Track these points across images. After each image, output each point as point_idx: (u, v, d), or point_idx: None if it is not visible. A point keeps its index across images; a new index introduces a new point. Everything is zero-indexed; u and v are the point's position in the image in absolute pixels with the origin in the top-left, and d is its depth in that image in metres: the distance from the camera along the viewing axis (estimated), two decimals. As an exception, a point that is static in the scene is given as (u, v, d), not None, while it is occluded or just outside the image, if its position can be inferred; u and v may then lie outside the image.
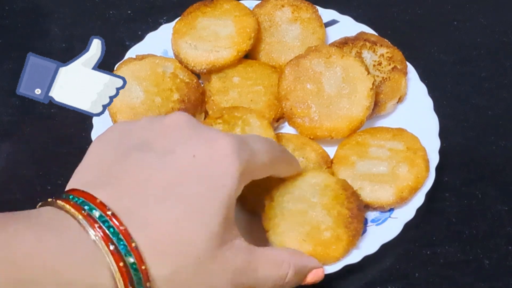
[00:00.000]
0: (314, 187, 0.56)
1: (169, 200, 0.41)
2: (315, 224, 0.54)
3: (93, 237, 0.39)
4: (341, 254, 0.54)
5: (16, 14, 0.81)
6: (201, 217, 0.41)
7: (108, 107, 0.62)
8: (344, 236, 0.53)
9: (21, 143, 0.67)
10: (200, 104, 0.65)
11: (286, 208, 0.54)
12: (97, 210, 0.40)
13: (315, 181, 0.56)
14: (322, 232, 0.53)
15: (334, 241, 0.53)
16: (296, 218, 0.54)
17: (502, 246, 0.60)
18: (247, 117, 0.61)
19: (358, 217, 0.55)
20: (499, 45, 0.76)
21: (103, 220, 0.39)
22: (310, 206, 0.55)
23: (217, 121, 0.61)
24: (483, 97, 0.71)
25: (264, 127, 0.61)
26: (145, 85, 0.63)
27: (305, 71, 0.64)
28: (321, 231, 0.53)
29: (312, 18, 0.71)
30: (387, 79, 0.66)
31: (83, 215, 0.39)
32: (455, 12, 0.80)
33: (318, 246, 0.53)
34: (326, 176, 0.57)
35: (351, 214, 0.54)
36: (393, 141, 0.62)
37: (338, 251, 0.53)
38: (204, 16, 0.69)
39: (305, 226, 0.53)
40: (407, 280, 0.58)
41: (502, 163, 0.66)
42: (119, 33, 0.78)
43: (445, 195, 0.63)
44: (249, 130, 0.60)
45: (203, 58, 0.66)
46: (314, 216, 0.54)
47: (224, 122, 0.61)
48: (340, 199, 0.55)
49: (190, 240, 0.41)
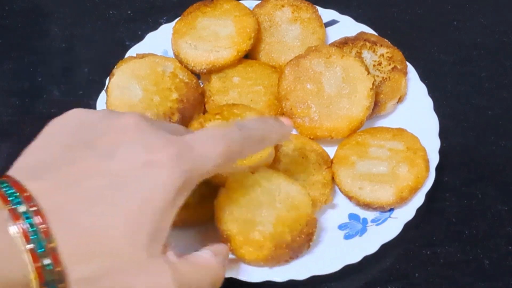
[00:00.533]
0: (288, 198, 0.56)
1: (100, 205, 0.40)
2: (256, 220, 0.54)
3: (12, 233, 0.38)
4: (251, 260, 0.54)
5: (16, 14, 0.81)
6: (129, 227, 0.40)
7: (107, 104, 0.63)
8: (267, 252, 0.53)
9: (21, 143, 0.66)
10: (199, 104, 0.65)
11: (248, 197, 0.55)
12: (23, 204, 0.39)
13: (294, 195, 0.56)
14: (254, 230, 0.54)
15: (256, 246, 0.53)
16: (249, 208, 0.54)
17: (502, 246, 0.60)
18: (245, 114, 0.61)
19: (293, 250, 0.54)
20: (499, 45, 0.76)
21: (27, 216, 0.38)
22: (269, 204, 0.55)
23: (215, 116, 0.62)
24: (483, 97, 0.71)
25: (264, 127, 0.61)
26: (144, 83, 0.63)
27: (305, 71, 0.64)
28: (255, 230, 0.54)
29: (312, 18, 0.71)
30: (387, 79, 0.66)
31: (8, 209, 0.38)
32: (455, 12, 0.80)
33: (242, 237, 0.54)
34: (308, 203, 0.56)
35: (289, 244, 0.54)
36: (393, 141, 0.62)
37: (251, 256, 0.54)
38: (204, 16, 0.69)
39: (248, 212, 0.54)
40: (407, 280, 0.58)
41: (502, 163, 0.66)
42: (119, 33, 0.78)
43: (445, 195, 0.63)
44: (247, 129, 0.60)
45: (203, 58, 0.66)
46: (262, 214, 0.54)
47: (222, 118, 0.61)
48: (295, 225, 0.54)
49: (114, 249, 0.40)
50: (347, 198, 0.60)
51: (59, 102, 0.71)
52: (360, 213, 0.60)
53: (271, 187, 0.56)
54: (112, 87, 0.63)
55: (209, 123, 0.61)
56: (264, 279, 0.54)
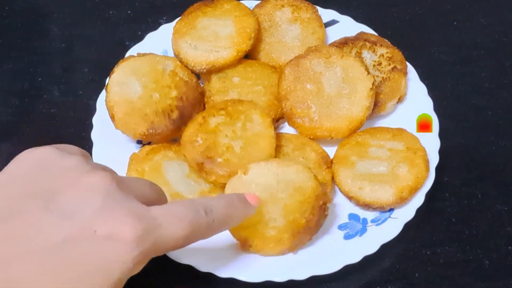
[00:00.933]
0: (288, 183, 0.56)
1: (51, 267, 0.38)
2: (266, 219, 0.54)
3: None
4: (276, 253, 0.55)
5: (16, 14, 0.81)
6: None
7: (106, 100, 0.63)
8: (287, 242, 0.54)
9: (21, 143, 0.66)
10: (198, 104, 0.65)
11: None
12: None
13: (293, 178, 0.56)
14: (268, 228, 0.54)
15: (275, 241, 0.54)
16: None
17: (502, 246, 0.60)
18: (250, 112, 0.61)
19: (311, 230, 0.55)
20: (499, 45, 0.76)
21: None
22: (272, 199, 0.55)
23: (220, 112, 0.62)
24: (483, 97, 0.71)
25: (265, 126, 0.61)
26: (144, 80, 0.63)
27: (305, 71, 0.64)
28: (268, 228, 0.54)
29: (312, 18, 0.71)
30: (387, 79, 0.66)
31: None
32: (455, 12, 0.80)
33: (259, 239, 0.54)
34: (309, 177, 0.56)
35: (305, 226, 0.54)
36: (393, 141, 0.62)
37: (274, 250, 0.55)
38: (204, 16, 0.69)
39: (256, 217, 0.53)
40: (407, 280, 0.58)
41: (502, 163, 0.66)
42: (119, 33, 0.78)
43: (445, 195, 0.63)
44: (250, 127, 0.61)
45: (203, 58, 0.66)
46: (269, 211, 0.54)
47: (226, 114, 0.61)
48: (304, 206, 0.55)
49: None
50: (347, 198, 0.60)
51: (59, 102, 0.71)
52: (360, 213, 0.60)
53: (266, 182, 0.56)
54: (112, 83, 0.63)
55: (212, 118, 0.61)
56: (264, 279, 0.54)
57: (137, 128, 0.61)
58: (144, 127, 0.61)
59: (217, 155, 0.59)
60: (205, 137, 0.60)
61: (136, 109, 0.62)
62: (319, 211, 0.55)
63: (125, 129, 0.62)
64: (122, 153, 0.62)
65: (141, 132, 0.61)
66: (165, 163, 0.60)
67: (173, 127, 0.62)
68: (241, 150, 0.59)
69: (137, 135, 0.62)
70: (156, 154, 0.61)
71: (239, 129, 0.61)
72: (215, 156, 0.59)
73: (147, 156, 0.61)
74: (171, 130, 0.62)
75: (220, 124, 0.61)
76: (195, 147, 0.60)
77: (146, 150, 0.61)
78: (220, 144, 0.60)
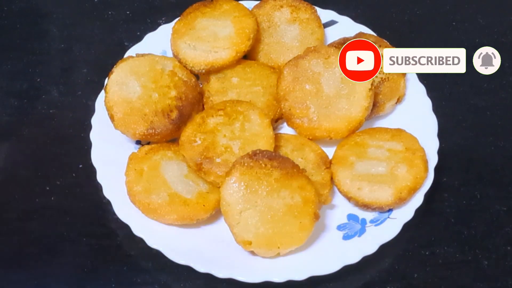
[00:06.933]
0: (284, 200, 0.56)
1: None
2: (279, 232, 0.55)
3: None
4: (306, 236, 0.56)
5: (14, 14, 0.81)
6: None
7: (105, 100, 0.63)
8: (310, 226, 0.55)
9: (20, 143, 0.67)
10: (197, 103, 0.65)
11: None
12: None
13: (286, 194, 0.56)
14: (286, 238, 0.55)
15: (302, 234, 0.55)
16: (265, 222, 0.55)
17: (501, 246, 0.60)
18: (248, 113, 0.61)
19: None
20: (498, 45, 0.76)
21: None
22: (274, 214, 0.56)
23: (218, 113, 0.62)
24: (481, 97, 0.71)
25: (264, 126, 0.61)
26: (143, 80, 0.64)
27: (303, 71, 0.64)
28: (286, 237, 0.55)
29: (310, 18, 0.71)
30: (386, 80, 0.66)
31: None
32: (454, 12, 0.80)
33: (291, 244, 0.56)
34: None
35: (315, 213, 0.56)
36: (392, 141, 0.62)
37: (303, 239, 0.55)
38: (203, 16, 0.69)
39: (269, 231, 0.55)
40: (406, 281, 0.58)
41: (500, 164, 0.66)
42: (118, 34, 0.78)
43: (444, 196, 0.63)
44: (248, 127, 0.61)
45: (202, 59, 0.66)
46: (281, 226, 0.55)
47: (225, 115, 0.61)
48: (308, 199, 0.56)
49: None
50: (346, 199, 0.60)
51: (57, 103, 0.70)
52: (359, 213, 0.60)
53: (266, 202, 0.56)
54: (111, 84, 0.63)
55: (210, 119, 0.61)
56: (264, 279, 0.54)
57: (136, 128, 0.61)
58: (143, 126, 0.61)
59: (216, 155, 0.59)
60: (203, 137, 0.60)
61: (135, 109, 0.62)
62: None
63: (124, 129, 0.62)
64: (121, 153, 0.62)
65: (141, 132, 0.61)
66: (163, 163, 0.60)
67: (173, 127, 0.62)
68: (240, 151, 0.59)
69: (136, 135, 0.62)
70: (155, 153, 0.61)
71: (237, 129, 0.61)
72: (214, 156, 0.59)
73: (146, 156, 0.61)
74: (170, 129, 0.62)
75: (218, 125, 0.61)
76: (194, 147, 0.60)
77: (145, 150, 0.61)
78: (218, 145, 0.60)
